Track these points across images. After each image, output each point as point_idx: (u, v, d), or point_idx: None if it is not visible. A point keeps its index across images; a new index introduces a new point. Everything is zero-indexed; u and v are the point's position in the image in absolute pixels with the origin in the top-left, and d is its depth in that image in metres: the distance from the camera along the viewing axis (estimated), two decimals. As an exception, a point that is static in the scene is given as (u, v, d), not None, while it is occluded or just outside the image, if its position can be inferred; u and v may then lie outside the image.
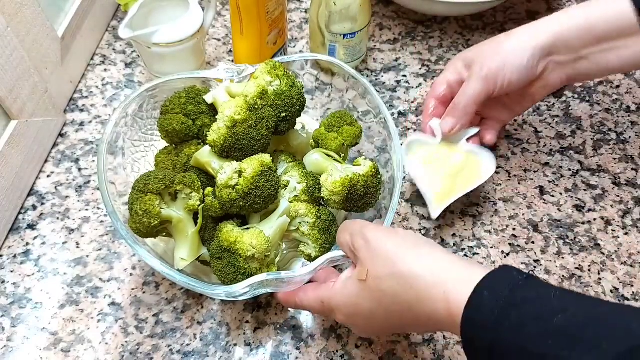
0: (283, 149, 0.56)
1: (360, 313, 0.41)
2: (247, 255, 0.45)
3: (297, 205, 0.50)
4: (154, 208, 0.45)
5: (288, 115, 0.52)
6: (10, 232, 0.58)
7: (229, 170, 0.46)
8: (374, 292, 0.40)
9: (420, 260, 0.38)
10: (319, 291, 0.45)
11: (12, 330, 0.52)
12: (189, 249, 0.48)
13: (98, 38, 0.75)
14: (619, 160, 0.65)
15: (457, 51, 0.76)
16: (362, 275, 0.40)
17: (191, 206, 0.48)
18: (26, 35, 0.58)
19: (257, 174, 0.46)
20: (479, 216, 0.60)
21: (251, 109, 0.49)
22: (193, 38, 0.64)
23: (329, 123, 0.55)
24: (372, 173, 0.50)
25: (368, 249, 0.41)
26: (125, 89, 0.71)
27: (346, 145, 0.54)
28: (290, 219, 0.49)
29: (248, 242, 0.45)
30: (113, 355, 0.51)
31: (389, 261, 0.39)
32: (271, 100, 0.51)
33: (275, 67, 0.52)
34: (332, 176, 0.49)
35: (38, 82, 0.60)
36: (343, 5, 0.65)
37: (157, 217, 0.46)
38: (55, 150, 0.64)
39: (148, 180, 0.46)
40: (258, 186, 0.46)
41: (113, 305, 0.53)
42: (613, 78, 0.74)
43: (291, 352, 0.51)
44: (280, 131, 0.53)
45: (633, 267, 0.57)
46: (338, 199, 0.49)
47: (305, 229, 0.49)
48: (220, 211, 0.48)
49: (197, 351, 0.51)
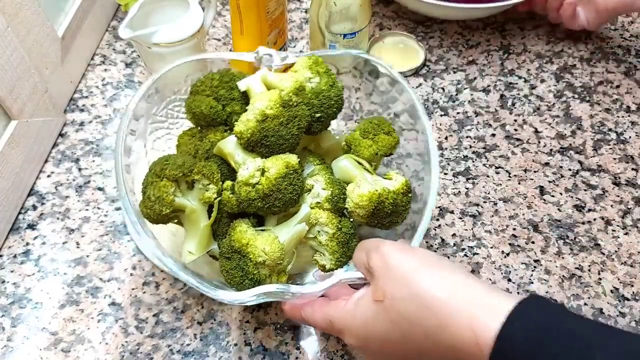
0: (312, 149, 0.53)
1: (373, 337, 0.38)
2: (257, 260, 0.42)
3: (318, 212, 0.46)
4: (168, 195, 0.43)
5: (323, 116, 0.49)
6: (10, 232, 0.58)
7: (251, 167, 0.44)
8: (390, 314, 0.37)
9: (442, 283, 0.36)
10: (328, 309, 0.41)
11: (12, 330, 0.52)
12: (199, 243, 0.46)
13: (98, 38, 0.75)
14: (619, 160, 0.65)
15: (457, 51, 0.76)
16: (378, 296, 0.37)
17: (207, 198, 0.45)
18: (26, 35, 0.58)
19: (280, 176, 0.43)
20: (479, 216, 0.60)
21: (285, 105, 0.46)
22: (193, 38, 0.64)
23: (364, 128, 0.51)
24: (403, 191, 0.46)
25: (385, 268, 0.38)
26: (126, 89, 0.71)
27: (379, 155, 0.51)
28: (309, 226, 0.46)
29: (261, 247, 0.42)
30: (113, 355, 0.51)
31: (408, 282, 0.36)
32: (307, 98, 0.48)
33: (317, 63, 0.49)
34: (359, 188, 0.45)
35: (38, 82, 0.60)
36: (343, 5, 0.65)
37: (169, 205, 0.44)
38: (55, 150, 0.64)
39: (166, 165, 0.44)
40: (280, 188, 0.43)
41: (113, 305, 0.53)
42: (613, 78, 0.74)
43: (291, 352, 0.51)
44: (313, 132, 0.50)
45: (633, 267, 0.57)
46: (363, 213, 0.46)
47: (323, 239, 0.46)
48: (237, 208, 0.45)
49: (197, 351, 0.51)
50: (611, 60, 0.76)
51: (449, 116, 0.69)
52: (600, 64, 0.75)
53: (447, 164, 0.64)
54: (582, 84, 0.73)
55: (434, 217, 0.60)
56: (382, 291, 0.37)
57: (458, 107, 0.70)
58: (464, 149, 0.66)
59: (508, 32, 0.79)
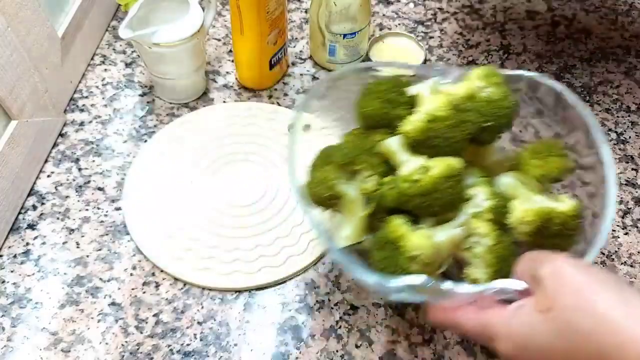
0: (474, 164, 0.50)
1: (532, 346, 0.37)
2: (410, 254, 0.41)
3: (478, 223, 0.44)
4: (331, 180, 0.45)
5: (493, 125, 0.47)
6: (10, 232, 0.58)
7: (414, 164, 0.44)
8: (558, 324, 0.35)
9: (619, 302, 0.34)
10: (482, 314, 0.40)
11: (12, 330, 0.52)
12: (353, 231, 0.46)
13: (98, 38, 0.75)
14: (619, 160, 0.65)
15: (457, 51, 0.76)
16: (544, 305, 0.36)
17: (367, 189, 0.46)
18: (26, 35, 0.58)
19: (443, 176, 0.43)
20: (479, 216, 0.60)
21: (455, 108, 0.45)
22: (193, 38, 0.64)
23: (535, 149, 0.49)
24: (572, 214, 0.43)
25: (558, 278, 0.36)
26: (126, 89, 0.71)
27: (549, 178, 0.48)
28: (465, 235, 0.44)
29: (415, 241, 0.42)
30: (113, 355, 0.51)
31: (583, 295, 0.34)
32: (479, 106, 0.47)
33: (491, 74, 0.48)
34: (525, 203, 0.44)
35: (38, 82, 0.60)
36: (343, 5, 0.65)
37: (330, 189, 0.45)
38: (55, 150, 0.64)
39: (333, 152, 0.46)
40: (440, 189, 0.43)
41: (113, 305, 0.53)
42: (613, 78, 0.74)
43: (291, 352, 0.51)
44: (480, 141, 0.49)
45: (633, 267, 0.57)
46: (526, 230, 0.43)
47: (479, 251, 0.44)
48: (395, 203, 0.45)
49: (197, 351, 0.51)
50: (611, 60, 0.76)
51: (449, 116, 0.69)
52: (600, 64, 0.75)
53: (447, 164, 0.64)
54: (582, 84, 0.73)
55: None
56: (551, 301, 0.36)
57: (458, 107, 0.70)
58: (464, 149, 0.66)
59: (508, 32, 0.79)
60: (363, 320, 0.53)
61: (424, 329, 0.53)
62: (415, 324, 0.53)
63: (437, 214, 0.45)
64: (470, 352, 0.51)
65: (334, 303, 0.54)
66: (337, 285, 0.55)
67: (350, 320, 0.53)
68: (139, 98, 0.70)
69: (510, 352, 0.38)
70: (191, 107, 0.69)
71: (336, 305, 0.54)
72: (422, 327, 0.53)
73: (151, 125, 0.67)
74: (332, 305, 0.54)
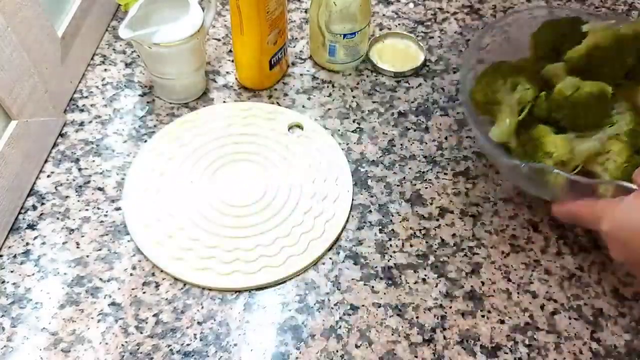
0: (627, 100, 0.56)
1: (627, 226, 0.44)
2: (546, 150, 0.49)
3: (615, 143, 0.51)
4: (495, 85, 0.53)
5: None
6: (10, 232, 0.58)
7: (570, 81, 0.51)
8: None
9: None
10: (595, 202, 0.47)
11: (12, 330, 0.52)
12: (505, 130, 0.53)
13: (98, 38, 0.75)
14: (619, 160, 0.65)
15: (457, 51, 0.76)
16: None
17: (523, 99, 0.53)
18: (26, 35, 0.58)
19: (593, 95, 0.50)
20: (479, 216, 0.60)
21: (619, 44, 0.52)
22: (193, 38, 0.64)
23: None
24: None
25: None
26: (125, 89, 0.71)
27: None
28: (602, 151, 0.51)
29: (554, 141, 0.50)
30: (113, 355, 0.51)
31: None
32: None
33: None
34: None
35: (38, 82, 0.60)
36: (343, 5, 0.65)
37: (493, 93, 0.53)
38: (55, 150, 0.64)
39: (501, 64, 0.55)
40: (589, 105, 0.50)
41: (113, 305, 0.53)
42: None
43: (291, 352, 0.51)
44: (637, 80, 0.54)
45: (633, 267, 0.57)
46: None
47: (610, 167, 0.50)
48: (546, 113, 0.52)
49: (197, 351, 0.51)
50: (611, 60, 0.76)
51: (449, 116, 0.69)
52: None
53: (447, 164, 0.64)
54: (582, 84, 0.73)
55: (433, 217, 0.60)
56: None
57: (458, 107, 0.70)
58: (464, 149, 0.66)
59: (508, 32, 0.79)
60: (363, 320, 0.53)
61: (424, 329, 0.53)
62: (415, 324, 0.53)
63: (582, 130, 0.52)
64: (470, 352, 0.51)
65: (334, 303, 0.54)
66: (337, 285, 0.55)
67: (350, 320, 0.53)
68: (139, 98, 0.70)
69: (610, 230, 0.45)
70: (191, 107, 0.69)
71: (336, 305, 0.54)
72: (422, 327, 0.53)
73: (151, 125, 0.67)
74: (332, 305, 0.54)
